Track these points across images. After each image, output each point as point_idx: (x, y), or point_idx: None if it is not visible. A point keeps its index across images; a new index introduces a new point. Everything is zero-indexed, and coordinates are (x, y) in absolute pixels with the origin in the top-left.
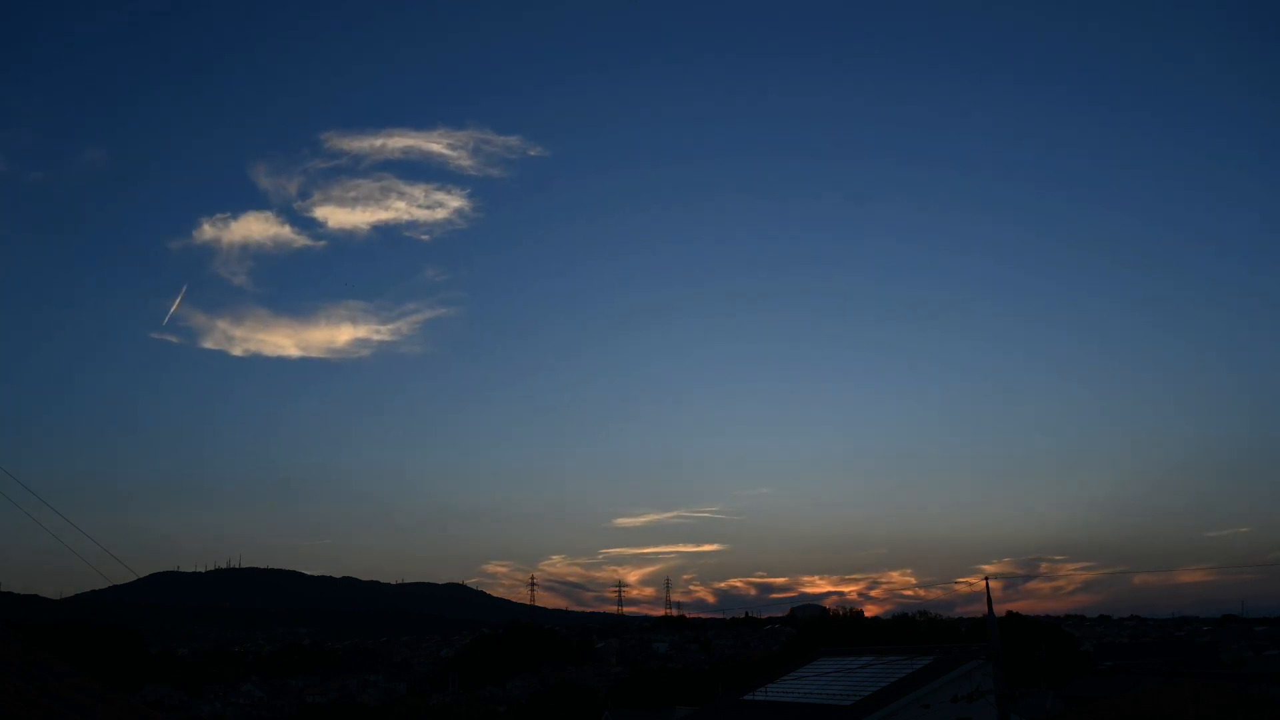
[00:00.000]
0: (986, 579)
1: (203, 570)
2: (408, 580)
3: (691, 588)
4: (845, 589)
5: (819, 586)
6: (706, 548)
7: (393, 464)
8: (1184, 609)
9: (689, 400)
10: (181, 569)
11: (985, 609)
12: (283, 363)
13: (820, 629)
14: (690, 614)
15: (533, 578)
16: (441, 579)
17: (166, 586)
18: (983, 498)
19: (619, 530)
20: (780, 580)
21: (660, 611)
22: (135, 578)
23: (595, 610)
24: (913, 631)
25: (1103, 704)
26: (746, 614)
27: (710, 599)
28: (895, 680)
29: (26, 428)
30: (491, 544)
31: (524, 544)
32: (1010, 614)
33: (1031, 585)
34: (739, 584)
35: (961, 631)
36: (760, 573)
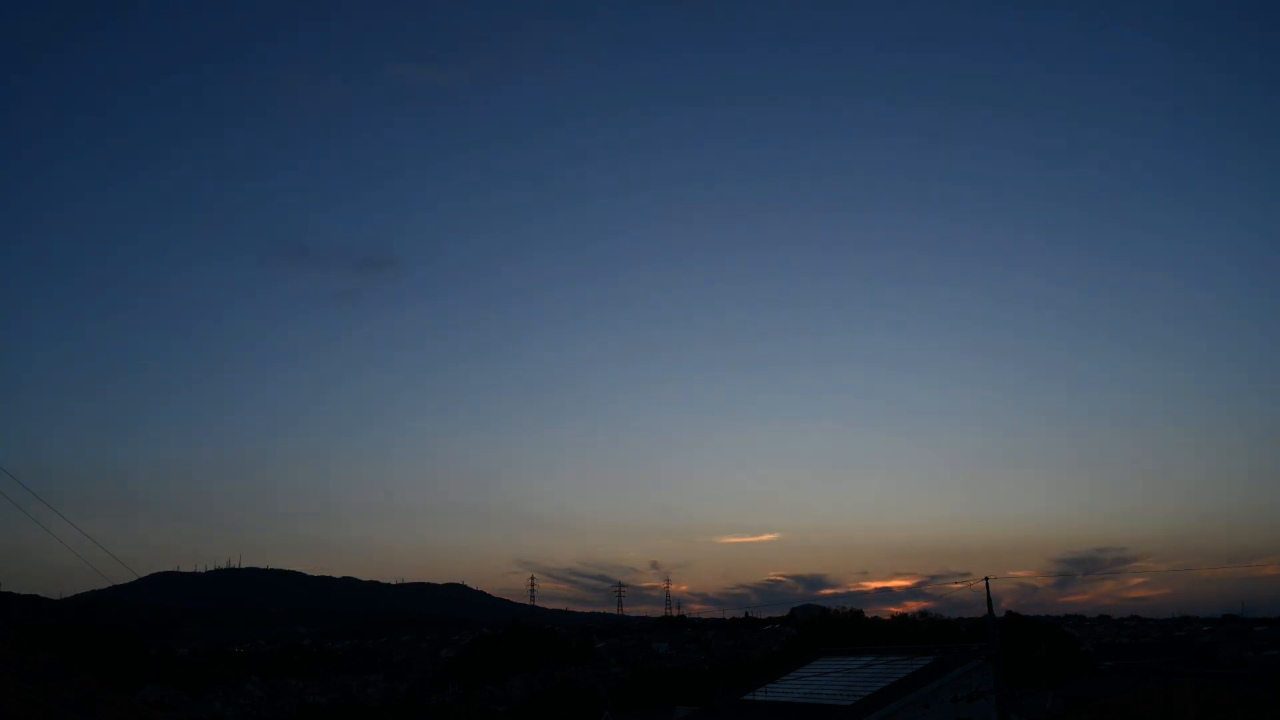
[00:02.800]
0: (986, 579)
1: (203, 570)
2: (408, 580)
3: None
4: (895, 584)
5: (864, 584)
6: (762, 538)
7: (395, 461)
8: (1185, 609)
9: (741, 392)
10: (181, 569)
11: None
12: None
13: (820, 629)
14: (691, 613)
15: (532, 578)
16: (442, 579)
17: (166, 586)
18: (1045, 491)
19: (664, 521)
20: (829, 574)
21: (698, 607)
22: (135, 578)
23: (602, 610)
24: (913, 631)
25: (1103, 704)
26: (746, 614)
27: (753, 597)
28: (895, 680)
29: (26, 427)
30: (525, 538)
31: (563, 535)
32: (1010, 614)
33: (1091, 578)
34: (784, 578)
35: (961, 631)
36: (810, 568)
